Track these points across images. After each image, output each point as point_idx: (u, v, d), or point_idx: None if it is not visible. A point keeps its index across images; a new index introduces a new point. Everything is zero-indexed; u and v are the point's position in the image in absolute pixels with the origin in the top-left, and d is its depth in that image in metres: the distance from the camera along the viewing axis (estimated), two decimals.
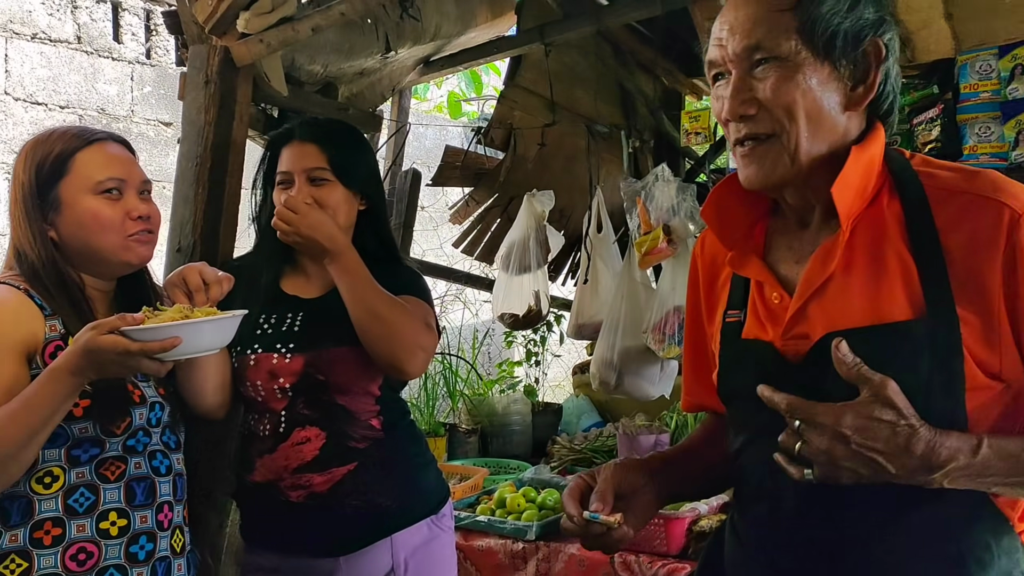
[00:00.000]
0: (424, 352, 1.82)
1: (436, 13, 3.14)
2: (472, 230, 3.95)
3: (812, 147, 1.08)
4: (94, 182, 1.65)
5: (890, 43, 1.10)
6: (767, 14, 1.07)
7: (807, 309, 1.10)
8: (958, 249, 1.02)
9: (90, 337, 1.43)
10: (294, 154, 1.88)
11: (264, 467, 1.85)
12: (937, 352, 1.00)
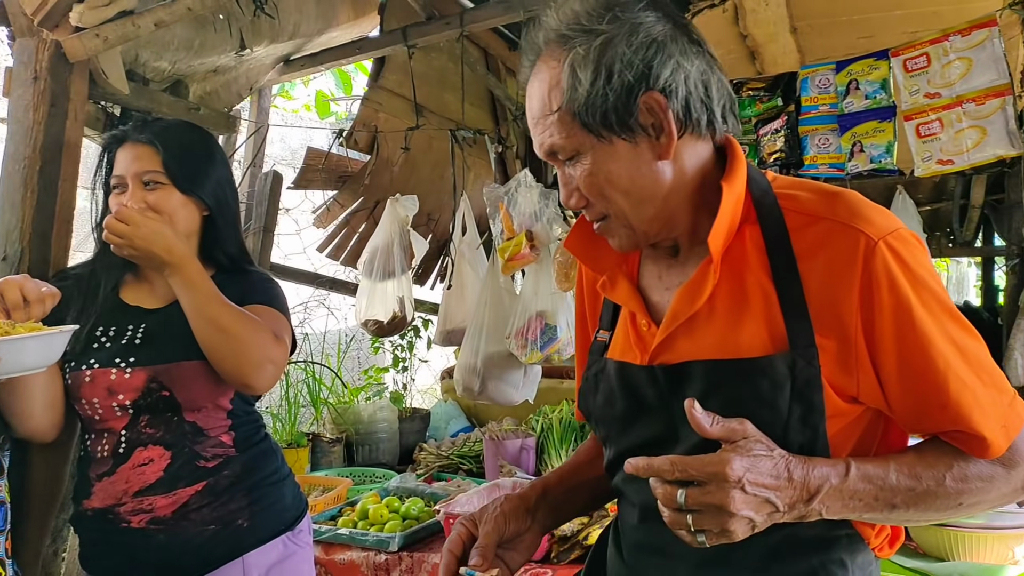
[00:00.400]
0: (273, 366, 1.74)
1: (295, 11, 3.05)
2: (337, 234, 3.86)
3: (643, 214, 1.09)
4: None
5: (669, 80, 1.05)
6: (546, 119, 1.07)
7: (675, 340, 1.11)
8: (816, 276, 1.02)
9: None
10: (127, 156, 1.75)
11: (103, 491, 1.72)
12: (796, 385, 1.01)
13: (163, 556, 1.70)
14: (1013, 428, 1.02)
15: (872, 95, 2.16)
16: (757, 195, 1.10)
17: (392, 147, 3.61)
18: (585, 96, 1.03)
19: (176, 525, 1.70)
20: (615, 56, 1.03)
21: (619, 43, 1.03)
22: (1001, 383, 1.03)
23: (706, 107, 1.08)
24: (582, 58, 1.03)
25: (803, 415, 1.01)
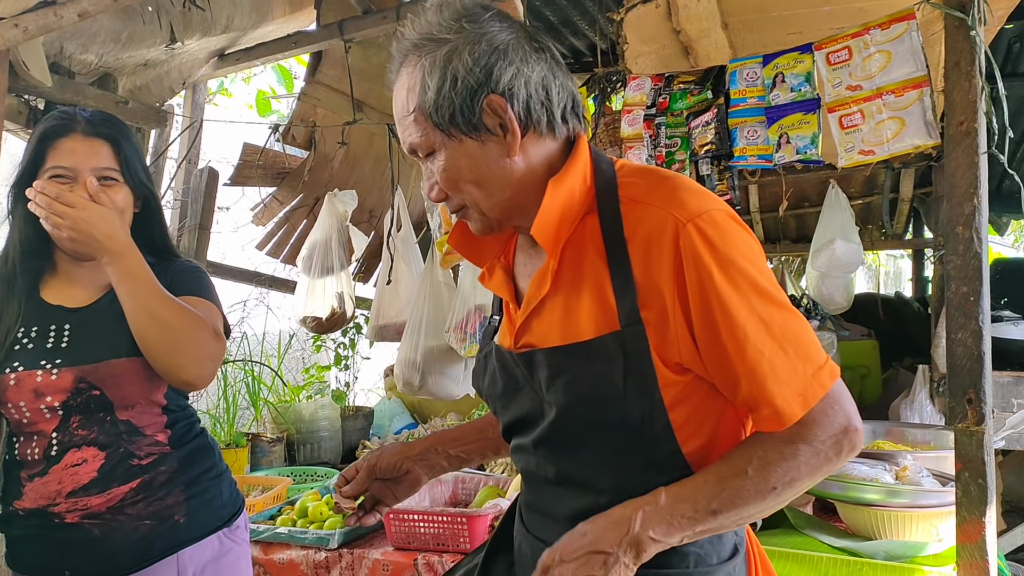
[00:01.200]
0: (212, 362, 1.70)
1: (228, 4, 3.01)
2: (277, 231, 3.82)
3: (496, 201, 1.19)
4: None
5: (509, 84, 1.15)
6: (405, 119, 1.18)
7: (530, 323, 1.22)
8: (639, 256, 1.12)
9: None
10: (78, 149, 1.69)
11: (34, 492, 1.68)
12: (627, 360, 1.11)
13: (98, 550, 1.67)
14: (812, 396, 1.09)
15: (797, 88, 2.21)
16: (601, 185, 1.19)
17: (331, 143, 3.58)
18: (434, 99, 1.13)
19: (112, 520, 1.67)
20: (459, 63, 1.13)
21: (463, 51, 1.13)
22: (808, 354, 1.10)
23: (546, 109, 1.17)
24: (431, 65, 1.13)
25: (638, 386, 1.11)
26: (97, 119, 1.76)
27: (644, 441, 1.14)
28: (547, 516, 1.27)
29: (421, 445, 1.51)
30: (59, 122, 1.73)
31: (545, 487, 1.26)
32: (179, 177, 3.44)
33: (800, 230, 5.54)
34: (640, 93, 2.51)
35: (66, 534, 1.66)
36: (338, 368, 4.10)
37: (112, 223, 1.63)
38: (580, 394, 1.13)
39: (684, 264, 1.09)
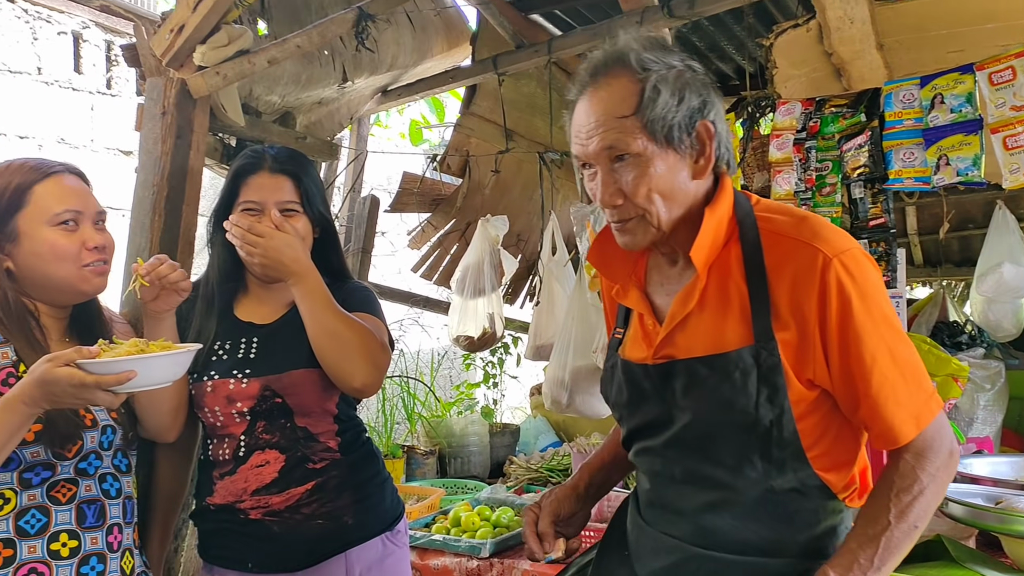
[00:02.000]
0: (378, 368, 1.87)
1: (393, 44, 3.23)
2: (430, 255, 4.02)
3: (671, 216, 1.33)
4: (51, 214, 1.68)
5: (716, 118, 1.33)
6: (615, 121, 1.29)
7: (674, 336, 1.36)
8: (784, 283, 1.27)
9: (46, 369, 1.45)
10: (265, 185, 1.90)
11: (224, 489, 1.89)
12: (761, 371, 1.27)
13: (276, 545, 1.85)
14: (924, 419, 1.27)
15: (958, 108, 2.16)
16: (740, 217, 1.35)
17: (483, 170, 3.75)
18: (661, 109, 1.27)
19: (289, 518, 1.85)
20: (687, 88, 1.30)
21: (687, 76, 1.32)
22: (921, 383, 1.29)
23: (726, 148, 1.35)
24: (659, 82, 1.28)
25: (769, 395, 1.27)
26: (282, 156, 1.96)
27: (771, 443, 1.29)
28: (672, 511, 1.41)
29: (582, 482, 1.66)
30: (249, 161, 1.95)
31: (671, 485, 1.40)
32: (344, 205, 3.71)
33: (963, 253, 5.25)
34: (790, 117, 2.52)
35: (249, 529, 1.86)
36: (486, 386, 4.25)
37: (295, 249, 1.83)
38: (718, 399, 1.29)
39: (828, 294, 1.24)
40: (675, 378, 1.34)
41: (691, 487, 1.37)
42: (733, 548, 1.33)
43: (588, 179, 1.37)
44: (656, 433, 1.40)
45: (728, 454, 1.32)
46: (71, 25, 4.31)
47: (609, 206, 1.33)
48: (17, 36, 4.09)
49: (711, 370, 1.30)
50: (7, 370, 1.62)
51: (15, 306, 1.68)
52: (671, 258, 1.43)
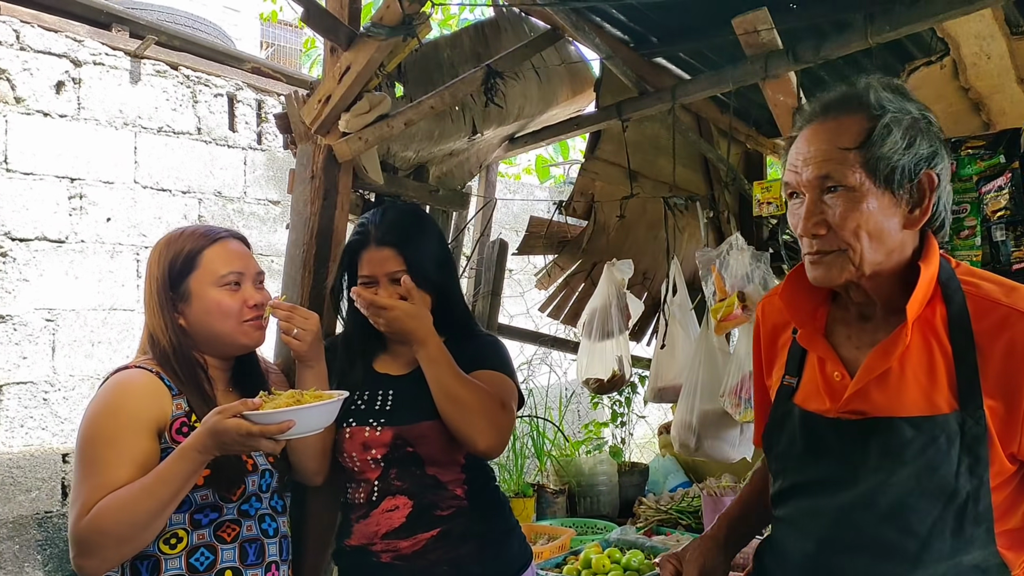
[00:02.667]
0: (499, 431, 1.94)
1: (520, 96, 3.36)
2: (557, 295, 4.10)
3: (874, 258, 1.31)
4: (218, 276, 1.88)
5: (942, 172, 1.30)
6: (836, 151, 1.28)
7: (868, 392, 1.32)
8: (996, 352, 1.25)
9: (216, 420, 1.63)
10: (374, 259, 2.02)
11: (359, 532, 2.01)
12: (965, 440, 1.24)
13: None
14: None
15: None
16: (943, 279, 1.33)
17: (608, 213, 3.81)
18: (889, 148, 1.27)
19: (416, 563, 1.95)
20: (920, 132, 1.29)
21: (922, 124, 1.30)
22: None
23: (945, 208, 1.34)
24: (896, 121, 1.28)
25: (970, 465, 1.24)
26: (384, 227, 2.05)
27: (966, 518, 1.25)
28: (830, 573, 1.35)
29: (721, 532, 1.64)
30: (356, 237, 2.08)
31: (845, 552, 1.33)
32: (475, 250, 3.86)
33: None
34: None
35: (381, 572, 1.96)
36: (614, 424, 4.28)
37: (416, 318, 1.93)
38: (921, 464, 1.25)
39: None
40: (871, 436, 1.30)
41: (869, 556, 1.30)
42: None
43: (792, 209, 1.36)
44: (832, 492, 1.34)
45: (920, 525, 1.26)
46: (227, 87, 4.70)
47: (809, 235, 1.32)
48: (180, 100, 4.50)
49: (918, 432, 1.26)
50: (181, 419, 1.80)
51: (188, 360, 1.87)
52: (862, 311, 1.40)
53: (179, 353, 1.86)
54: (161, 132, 4.41)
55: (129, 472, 1.69)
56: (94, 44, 4.18)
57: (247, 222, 4.68)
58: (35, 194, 3.93)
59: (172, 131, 4.46)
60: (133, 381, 1.81)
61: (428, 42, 2.92)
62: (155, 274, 1.90)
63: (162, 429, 1.78)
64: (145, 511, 1.65)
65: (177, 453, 1.67)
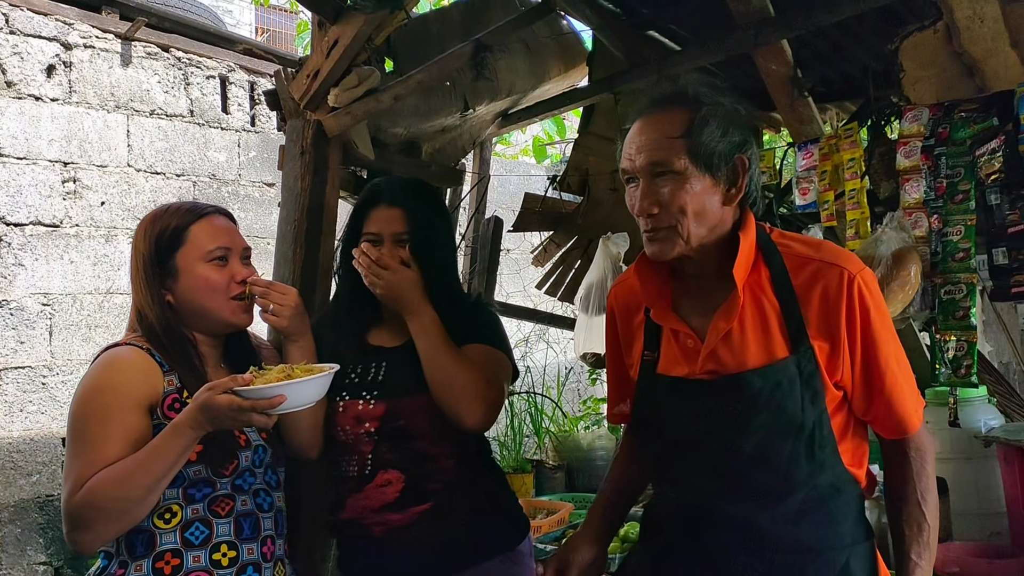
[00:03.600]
0: (487, 407, 1.91)
1: (510, 71, 3.34)
2: (554, 272, 4.09)
3: (699, 232, 1.48)
4: (205, 251, 1.86)
5: (751, 156, 1.51)
6: (664, 140, 1.45)
7: (717, 352, 1.49)
8: (814, 300, 1.46)
9: (208, 396, 1.62)
10: (382, 217, 2.01)
11: (352, 506, 1.99)
12: (803, 377, 1.44)
13: (398, 563, 1.95)
14: (920, 414, 1.52)
15: None
16: (761, 244, 1.53)
17: (602, 188, 3.80)
18: (707, 137, 1.45)
19: (407, 536, 1.94)
20: (732, 122, 1.48)
21: (735, 116, 1.50)
22: (914, 384, 1.52)
23: (756, 189, 1.54)
24: (712, 113, 1.46)
25: (811, 398, 1.44)
26: (394, 188, 2.05)
27: (815, 444, 1.45)
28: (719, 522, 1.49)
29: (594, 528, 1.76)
30: (369, 194, 2.06)
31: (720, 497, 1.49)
32: (470, 227, 3.85)
33: None
34: (917, 124, 2.43)
35: (373, 546, 1.95)
36: None
37: (415, 287, 1.92)
38: (773, 407, 1.44)
39: (853, 305, 1.45)
40: (727, 391, 1.47)
41: (743, 499, 1.48)
42: (784, 547, 1.46)
43: (630, 191, 1.51)
44: (702, 447, 1.50)
45: (779, 460, 1.45)
46: (219, 69, 4.67)
47: (645, 214, 1.48)
48: (172, 83, 4.48)
49: (764, 380, 1.45)
50: (173, 395, 1.79)
51: (177, 336, 1.85)
52: (699, 282, 1.56)
53: (167, 329, 1.84)
54: (154, 115, 4.39)
55: (121, 448, 1.69)
56: (84, 27, 4.16)
57: (242, 204, 4.67)
58: (28, 178, 3.92)
59: (165, 114, 4.44)
60: (124, 358, 1.80)
61: (417, 16, 2.90)
62: (141, 250, 1.88)
63: (154, 405, 1.78)
64: (138, 486, 1.65)
65: (170, 429, 1.67)
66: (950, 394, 2.31)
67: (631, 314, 1.67)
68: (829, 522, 1.48)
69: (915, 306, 2.29)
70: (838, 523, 1.48)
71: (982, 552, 2.07)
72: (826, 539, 1.47)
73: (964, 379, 2.24)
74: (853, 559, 1.48)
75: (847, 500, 1.50)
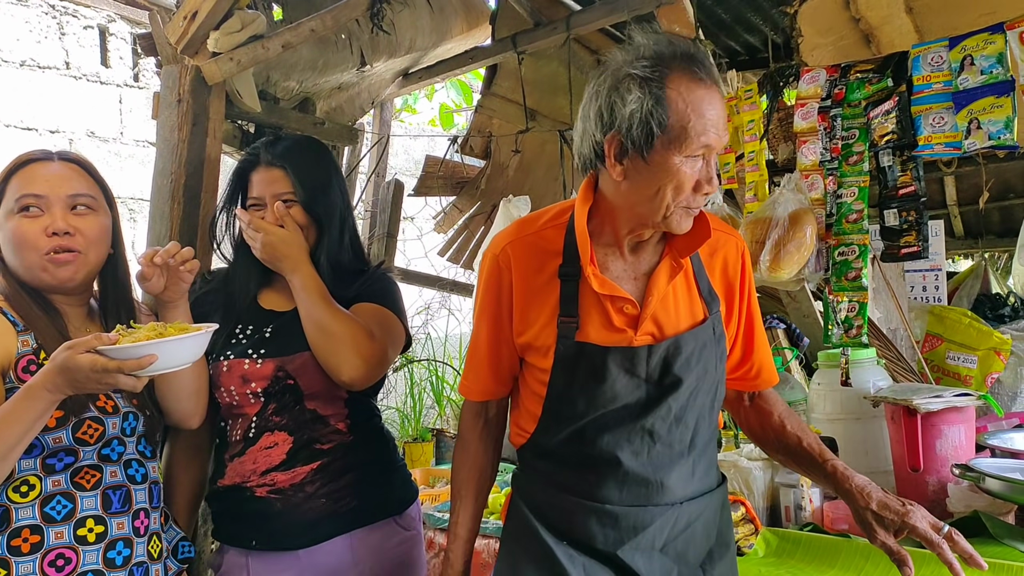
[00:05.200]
0: (365, 361, 1.85)
1: (410, 27, 3.22)
2: (457, 238, 4.01)
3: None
4: (13, 200, 1.68)
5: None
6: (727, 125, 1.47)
7: (656, 315, 1.52)
8: (716, 267, 1.59)
9: (67, 356, 1.47)
10: (263, 180, 1.94)
11: (233, 471, 1.91)
12: (716, 336, 1.55)
13: (279, 523, 1.87)
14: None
15: (988, 70, 2.07)
16: None
17: (505, 151, 3.73)
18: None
19: (293, 496, 1.87)
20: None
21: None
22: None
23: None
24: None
25: (720, 355, 1.57)
26: (272, 148, 1.97)
27: (717, 398, 1.58)
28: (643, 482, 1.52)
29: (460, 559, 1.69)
30: (248, 157, 1.99)
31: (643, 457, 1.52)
32: (368, 190, 3.72)
33: (1005, 223, 5.10)
34: (814, 85, 2.44)
35: (254, 506, 1.89)
36: None
37: (290, 245, 1.88)
38: (703, 366, 1.53)
39: (744, 271, 1.61)
40: (667, 354, 1.50)
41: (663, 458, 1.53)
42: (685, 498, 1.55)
43: (692, 167, 1.40)
44: (637, 413, 1.51)
45: (692, 418, 1.53)
46: (97, 19, 4.36)
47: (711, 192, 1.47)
48: (44, 31, 4.15)
49: (695, 341, 1.52)
50: (28, 357, 1.64)
51: (24, 293, 1.69)
52: (636, 247, 1.55)
53: (12, 285, 1.69)
54: (24, 66, 4.06)
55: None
56: None
57: (124, 164, 4.40)
58: None
59: (36, 65, 4.12)
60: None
61: None
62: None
63: (5, 368, 1.63)
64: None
65: (23, 391, 1.52)
66: (842, 355, 2.34)
67: (534, 273, 1.55)
68: (712, 467, 1.63)
69: (810, 267, 2.32)
70: (714, 466, 1.65)
71: None
72: (710, 483, 1.61)
73: (855, 339, 2.28)
74: (724, 496, 1.65)
75: (715, 446, 1.67)
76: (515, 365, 1.62)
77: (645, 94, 1.37)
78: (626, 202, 1.47)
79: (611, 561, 1.53)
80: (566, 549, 1.54)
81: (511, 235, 1.59)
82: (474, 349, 1.66)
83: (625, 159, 1.42)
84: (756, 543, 1.97)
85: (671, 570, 1.55)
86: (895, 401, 2.13)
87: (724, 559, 1.61)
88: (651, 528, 1.52)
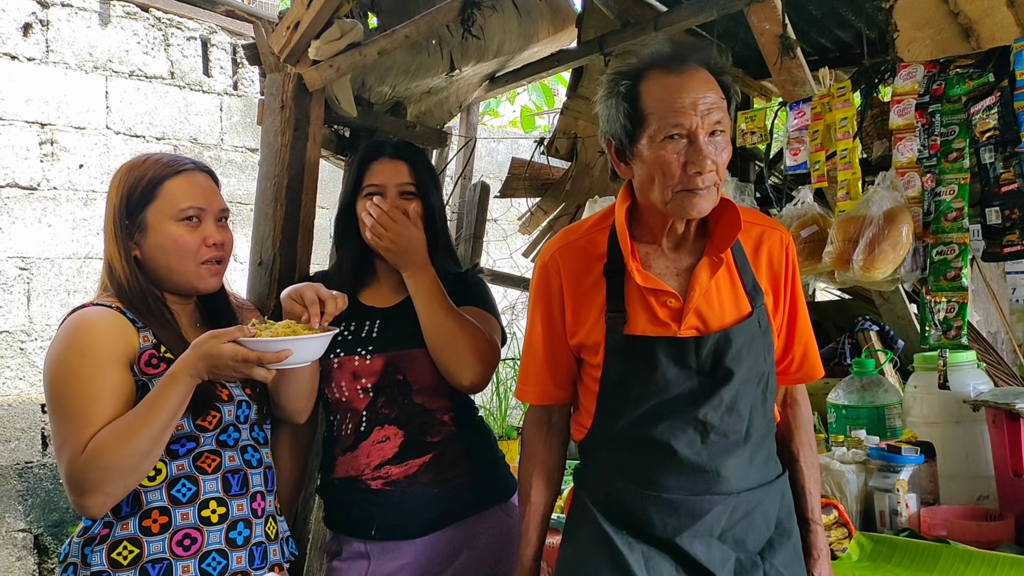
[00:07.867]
0: (485, 366, 1.92)
1: (499, 31, 3.27)
2: (541, 239, 4.05)
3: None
4: (177, 209, 1.79)
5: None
6: (720, 100, 1.52)
7: (698, 308, 1.57)
8: (762, 261, 1.64)
9: (212, 344, 1.60)
10: (386, 170, 2.00)
11: (346, 464, 1.99)
12: (762, 329, 1.60)
13: (397, 512, 1.95)
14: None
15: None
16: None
17: (591, 153, 3.75)
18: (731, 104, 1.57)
19: (407, 487, 1.94)
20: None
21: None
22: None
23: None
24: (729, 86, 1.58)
25: (767, 347, 1.62)
26: (398, 144, 2.06)
27: (768, 389, 1.62)
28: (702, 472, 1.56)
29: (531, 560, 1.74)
30: (371, 148, 2.06)
31: (698, 446, 1.56)
32: (456, 192, 3.79)
33: None
34: (912, 81, 2.39)
35: (371, 497, 1.96)
36: None
37: (420, 244, 1.92)
38: (751, 360, 1.58)
39: (789, 264, 1.66)
40: (717, 347, 1.55)
41: (718, 447, 1.56)
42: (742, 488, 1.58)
43: (671, 149, 1.48)
44: (692, 401, 1.56)
45: (746, 407, 1.58)
46: (200, 31, 4.57)
47: (708, 172, 1.49)
48: (151, 43, 4.38)
49: (743, 334, 1.57)
50: (149, 351, 1.74)
51: (143, 294, 1.79)
52: (679, 241, 1.62)
53: (135, 286, 1.78)
54: (133, 76, 4.30)
55: (114, 406, 1.66)
56: None
57: (224, 169, 4.60)
58: (4, 139, 3.83)
59: (144, 75, 4.34)
60: (94, 317, 1.75)
61: None
62: (113, 200, 1.82)
63: (132, 362, 1.73)
64: (144, 438, 1.62)
65: (167, 377, 1.64)
66: (939, 357, 2.28)
67: (582, 276, 1.64)
68: (771, 459, 1.67)
69: (906, 267, 2.26)
70: (773, 457, 1.68)
71: (970, 515, 2.06)
72: (769, 474, 1.64)
73: (954, 340, 2.22)
74: (785, 486, 1.68)
75: (774, 437, 1.69)
76: (572, 367, 1.69)
77: (621, 95, 1.55)
78: (642, 195, 1.58)
79: (670, 548, 1.57)
80: (625, 538, 1.58)
81: (559, 242, 1.70)
82: (530, 353, 1.72)
83: (624, 157, 1.58)
84: (850, 547, 1.95)
85: (729, 557, 1.57)
86: (997, 405, 2.07)
87: (785, 548, 1.62)
88: (709, 516, 1.55)
